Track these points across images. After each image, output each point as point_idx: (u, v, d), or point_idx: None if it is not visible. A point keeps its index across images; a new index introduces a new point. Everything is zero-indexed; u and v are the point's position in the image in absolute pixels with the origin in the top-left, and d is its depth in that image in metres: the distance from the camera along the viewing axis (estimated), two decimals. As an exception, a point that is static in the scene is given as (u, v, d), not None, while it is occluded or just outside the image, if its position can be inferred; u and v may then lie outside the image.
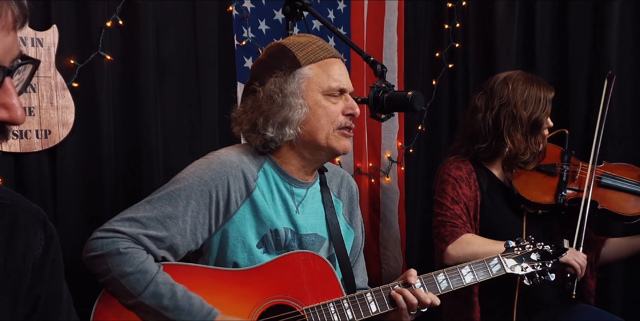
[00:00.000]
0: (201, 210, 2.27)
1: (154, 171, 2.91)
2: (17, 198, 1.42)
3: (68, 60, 2.67)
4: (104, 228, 2.20)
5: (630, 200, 3.24)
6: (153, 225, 2.21)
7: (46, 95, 2.60)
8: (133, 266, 2.13)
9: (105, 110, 2.76)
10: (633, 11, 4.15)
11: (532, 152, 3.18)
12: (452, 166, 3.18)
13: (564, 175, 3.22)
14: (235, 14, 3.26)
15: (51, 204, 2.64)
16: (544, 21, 4.35)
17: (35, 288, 1.41)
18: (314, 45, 2.39)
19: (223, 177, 2.30)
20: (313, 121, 2.34)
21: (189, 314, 2.14)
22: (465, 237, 2.99)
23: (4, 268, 1.35)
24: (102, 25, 2.74)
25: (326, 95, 2.35)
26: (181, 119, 3.05)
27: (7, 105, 1.14)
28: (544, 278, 2.62)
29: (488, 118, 3.17)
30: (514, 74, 3.24)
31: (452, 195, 3.09)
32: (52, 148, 2.63)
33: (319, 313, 2.29)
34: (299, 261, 2.32)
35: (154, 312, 2.14)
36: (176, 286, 2.17)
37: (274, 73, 2.34)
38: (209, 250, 2.35)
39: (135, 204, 2.28)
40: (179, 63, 3.02)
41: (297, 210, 2.44)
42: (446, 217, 3.06)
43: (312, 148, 2.39)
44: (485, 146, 3.19)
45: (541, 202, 3.16)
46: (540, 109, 3.14)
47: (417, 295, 2.33)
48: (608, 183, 3.26)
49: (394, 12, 4.09)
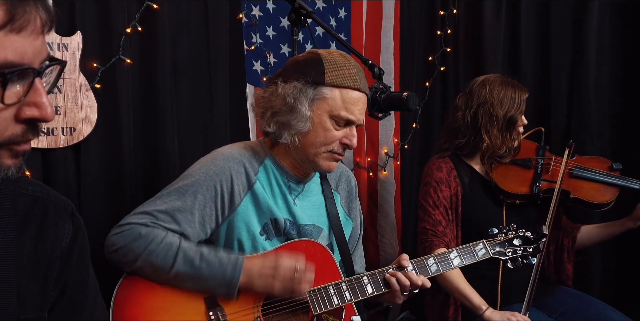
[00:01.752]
0: (208, 202, 2.28)
1: (169, 165, 2.92)
2: (47, 190, 1.42)
3: (91, 63, 2.67)
4: (119, 224, 2.23)
5: (599, 189, 3.27)
6: (164, 218, 2.23)
7: (71, 96, 2.60)
8: (157, 243, 2.16)
9: (125, 110, 2.77)
10: (609, 20, 4.14)
11: (507, 147, 3.21)
12: (434, 167, 3.20)
13: (539, 167, 3.25)
14: (245, 21, 3.27)
15: (75, 195, 2.65)
16: (528, 28, 4.35)
17: (63, 275, 1.41)
18: (347, 71, 2.29)
19: (227, 172, 2.31)
20: (311, 137, 2.31)
21: (221, 265, 2.18)
22: (438, 250, 2.99)
23: (35, 256, 1.36)
24: (122, 31, 2.74)
25: (333, 119, 2.30)
26: (194, 117, 3.05)
27: (37, 104, 1.14)
28: (525, 261, 2.63)
29: (467, 116, 3.20)
30: (492, 77, 3.26)
31: (433, 199, 3.13)
32: (77, 144, 2.64)
33: (319, 294, 2.30)
34: (301, 248, 2.33)
35: (191, 276, 2.17)
36: (200, 247, 2.22)
37: (299, 78, 2.29)
38: (217, 238, 2.36)
39: (147, 200, 2.30)
40: (192, 66, 3.02)
41: (295, 203, 2.45)
42: (428, 224, 3.10)
43: (300, 157, 2.37)
44: (464, 141, 3.21)
45: (518, 193, 3.18)
46: (515, 108, 3.16)
47: (409, 277, 2.34)
48: (579, 174, 3.29)
49: (390, 19, 4.09)
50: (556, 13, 4.26)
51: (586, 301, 3.24)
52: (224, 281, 2.18)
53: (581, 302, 3.23)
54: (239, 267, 2.19)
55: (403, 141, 4.24)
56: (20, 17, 1.08)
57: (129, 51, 2.77)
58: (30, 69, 1.12)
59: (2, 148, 1.13)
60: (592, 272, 4.06)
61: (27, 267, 1.34)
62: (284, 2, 2.78)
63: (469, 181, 3.22)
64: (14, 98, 1.11)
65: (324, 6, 3.72)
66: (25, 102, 1.13)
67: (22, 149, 1.17)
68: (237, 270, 2.19)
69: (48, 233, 1.38)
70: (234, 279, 2.18)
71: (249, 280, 2.19)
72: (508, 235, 2.63)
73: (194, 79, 3.03)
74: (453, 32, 4.49)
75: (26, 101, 1.13)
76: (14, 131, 1.14)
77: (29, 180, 1.41)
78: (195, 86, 3.04)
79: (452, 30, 4.48)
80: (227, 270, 2.18)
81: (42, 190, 1.41)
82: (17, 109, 1.13)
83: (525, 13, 4.34)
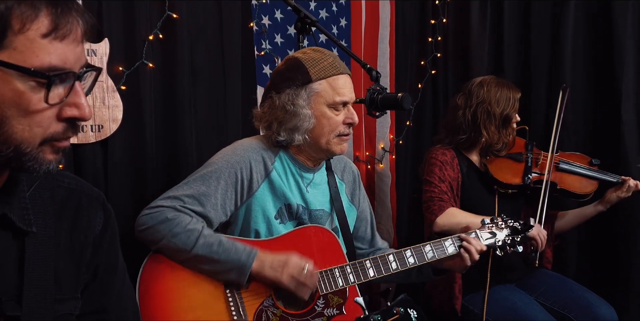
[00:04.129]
0: (229, 188, 2.30)
1: (187, 157, 2.91)
2: (81, 183, 1.43)
3: (117, 67, 2.66)
4: (150, 206, 2.23)
5: (582, 181, 3.29)
6: (190, 202, 2.23)
7: (99, 96, 2.59)
8: (182, 227, 2.16)
9: (148, 109, 2.76)
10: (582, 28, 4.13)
11: (503, 142, 3.22)
12: (438, 152, 3.20)
13: (529, 161, 3.25)
14: (256, 29, 3.25)
15: (103, 187, 2.64)
16: (510, 35, 4.34)
17: (95, 260, 1.42)
18: (325, 62, 2.34)
19: (246, 161, 2.32)
20: (318, 129, 2.35)
21: (236, 253, 2.18)
22: (450, 210, 3.01)
23: (70, 242, 1.36)
24: (145, 38, 2.73)
25: (331, 107, 2.34)
26: (210, 116, 3.04)
27: (77, 104, 1.15)
28: (513, 249, 2.62)
29: (467, 114, 3.20)
30: (488, 78, 3.27)
31: (439, 175, 3.11)
32: (104, 140, 2.63)
33: (326, 276, 2.30)
34: (310, 233, 2.33)
35: (208, 258, 2.18)
36: (219, 235, 2.23)
37: (289, 85, 2.32)
38: (235, 220, 2.37)
39: (175, 186, 2.31)
40: (208, 69, 3.01)
41: (307, 190, 2.45)
42: (434, 193, 3.08)
43: (315, 149, 2.40)
44: (465, 137, 3.22)
45: (511, 183, 3.18)
46: (510, 106, 3.18)
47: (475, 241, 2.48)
48: (565, 167, 3.30)
49: (386, 28, 4.08)
50: (535, 22, 4.25)
51: (563, 282, 3.29)
52: (237, 265, 2.18)
53: (559, 282, 3.27)
54: (253, 256, 2.19)
55: (398, 137, 4.23)
56: (63, 27, 1.10)
57: (152, 56, 2.76)
58: (71, 72, 1.14)
59: (44, 144, 1.14)
60: (568, 257, 4.06)
61: (64, 252, 1.35)
62: (291, 12, 2.78)
63: (466, 171, 3.23)
64: (56, 99, 1.12)
65: (326, 16, 3.71)
66: (66, 103, 1.14)
67: (63, 145, 1.18)
68: (251, 257, 2.19)
69: (82, 222, 1.39)
70: (247, 265, 2.18)
71: (260, 269, 2.19)
72: (498, 225, 2.62)
73: (210, 81, 3.02)
74: (443, 39, 4.48)
75: (67, 102, 1.14)
76: (56, 129, 1.15)
77: (64, 174, 1.41)
78: (210, 87, 3.03)
79: (442, 37, 4.47)
80: (242, 256, 2.18)
81: (76, 182, 1.42)
82: (59, 109, 1.14)
83: (507, 22, 4.33)
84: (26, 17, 1.07)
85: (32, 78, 1.09)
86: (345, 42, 3.82)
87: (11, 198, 1.24)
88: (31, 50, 1.08)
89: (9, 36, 1.07)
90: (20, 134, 1.11)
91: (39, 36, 1.09)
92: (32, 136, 1.12)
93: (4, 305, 1.22)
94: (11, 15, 1.06)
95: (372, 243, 2.73)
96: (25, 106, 1.10)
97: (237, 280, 2.20)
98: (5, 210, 1.22)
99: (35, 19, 1.08)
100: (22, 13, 1.07)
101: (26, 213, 1.27)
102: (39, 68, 1.09)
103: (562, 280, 3.29)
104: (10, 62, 1.07)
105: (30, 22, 1.08)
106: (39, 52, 1.09)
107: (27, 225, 1.26)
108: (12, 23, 1.07)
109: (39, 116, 1.12)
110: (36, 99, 1.10)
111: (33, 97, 1.10)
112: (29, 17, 1.08)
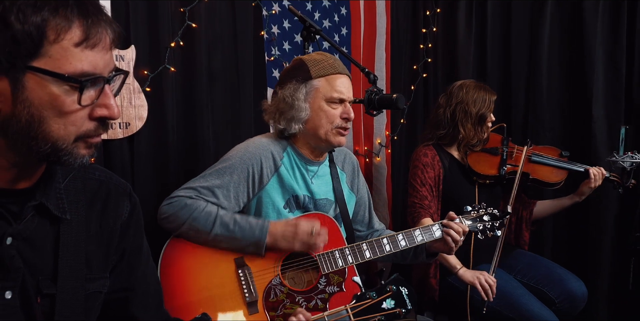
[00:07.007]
0: (241, 181, 2.30)
1: (205, 152, 2.90)
2: (110, 175, 1.43)
3: (142, 71, 2.66)
4: (169, 196, 2.25)
5: (552, 171, 3.31)
6: (206, 193, 2.24)
7: (126, 97, 2.59)
8: (199, 212, 2.18)
9: (170, 109, 2.76)
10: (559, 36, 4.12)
11: (478, 138, 3.24)
12: (420, 153, 3.21)
13: (504, 154, 3.26)
14: (266, 37, 3.24)
15: (130, 178, 2.64)
16: (494, 42, 4.35)
17: (122, 243, 1.43)
18: (326, 62, 2.37)
19: (257, 157, 2.32)
20: (315, 120, 2.36)
21: (250, 229, 2.20)
22: (424, 220, 3.01)
23: (100, 229, 1.37)
24: (167, 46, 2.73)
25: (328, 102, 2.35)
26: (226, 114, 3.03)
27: (107, 105, 1.16)
28: (492, 233, 2.63)
29: (447, 112, 3.22)
30: (468, 82, 3.29)
31: (421, 178, 3.12)
32: (131, 136, 2.63)
33: (327, 257, 2.30)
34: (314, 220, 2.33)
35: (226, 237, 2.20)
36: (234, 214, 2.25)
37: (292, 81, 2.35)
38: (248, 211, 2.37)
39: (192, 179, 2.31)
40: (224, 74, 3.00)
41: (312, 182, 2.45)
42: (416, 198, 3.10)
43: (315, 140, 2.41)
44: (444, 132, 3.24)
45: (488, 174, 3.20)
46: (485, 107, 3.19)
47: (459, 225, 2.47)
48: (536, 159, 3.32)
49: (382, 36, 4.07)
50: (515, 31, 4.26)
51: (538, 261, 3.30)
52: (253, 241, 2.20)
53: (534, 261, 3.29)
54: (265, 230, 2.21)
55: (393, 133, 4.22)
56: (94, 36, 1.11)
57: (173, 61, 2.76)
58: (101, 77, 1.14)
59: (78, 140, 1.15)
60: (545, 238, 4.08)
61: (94, 237, 1.35)
62: (297, 22, 2.77)
63: (448, 165, 3.23)
64: (88, 101, 1.13)
65: (329, 25, 3.70)
66: (97, 104, 1.15)
67: (95, 141, 1.18)
68: (264, 232, 2.21)
69: (110, 210, 1.40)
70: (262, 239, 2.20)
71: (274, 240, 2.21)
72: (479, 212, 2.63)
73: (225, 83, 3.01)
74: (433, 46, 4.47)
75: (98, 103, 1.15)
76: (88, 127, 1.15)
77: (95, 167, 1.42)
78: (226, 89, 3.02)
79: (432, 44, 4.45)
80: (256, 232, 2.20)
81: (106, 175, 1.42)
82: (90, 109, 1.15)
83: (490, 30, 4.34)
84: (60, 28, 1.07)
85: (66, 83, 1.09)
86: (346, 48, 3.81)
87: (48, 189, 1.25)
88: (65, 58, 1.08)
89: (45, 45, 1.07)
90: (56, 132, 1.11)
91: (72, 45, 1.09)
92: (67, 134, 1.13)
93: (41, 283, 1.23)
94: (47, 26, 1.06)
95: (370, 225, 2.73)
96: (60, 107, 1.10)
97: (256, 253, 2.23)
98: (43, 200, 1.23)
99: (69, 30, 1.08)
100: (56, 24, 1.07)
101: (61, 202, 1.28)
102: (72, 74, 1.09)
103: (537, 259, 3.31)
104: (46, 69, 1.07)
105: (64, 32, 1.08)
106: (72, 59, 1.09)
107: (62, 213, 1.27)
108: (48, 34, 1.07)
109: (72, 116, 1.12)
110: (70, 101, 1.11)
111: (67, 100, 1.10)
112: (63, 28, 1.08)
